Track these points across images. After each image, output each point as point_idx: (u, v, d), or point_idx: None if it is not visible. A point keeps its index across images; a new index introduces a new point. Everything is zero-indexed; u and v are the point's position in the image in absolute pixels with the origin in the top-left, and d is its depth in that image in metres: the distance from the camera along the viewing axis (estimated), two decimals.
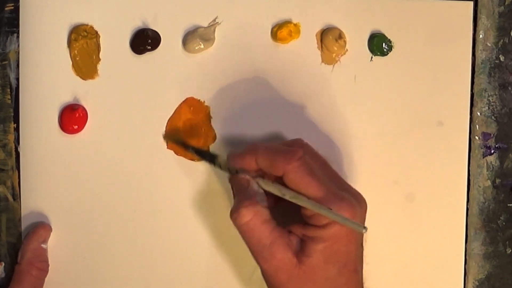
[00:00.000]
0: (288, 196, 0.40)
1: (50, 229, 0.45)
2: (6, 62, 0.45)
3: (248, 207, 0.39)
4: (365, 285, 0.42)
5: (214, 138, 0.46)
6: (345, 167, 0.47)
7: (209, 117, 0.46)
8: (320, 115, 0.47)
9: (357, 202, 0.40)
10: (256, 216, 0.39)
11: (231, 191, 0.43)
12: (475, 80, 0.48)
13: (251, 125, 0.47)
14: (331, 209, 0.38)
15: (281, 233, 0.40)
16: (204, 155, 0.45)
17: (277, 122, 0.47)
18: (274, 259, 0.39)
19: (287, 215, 0.41)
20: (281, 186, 0.40)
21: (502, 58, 0.48)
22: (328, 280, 0.39)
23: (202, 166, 0.46)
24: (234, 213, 0.40)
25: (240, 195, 0.41)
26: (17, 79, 0.45)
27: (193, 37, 0.46)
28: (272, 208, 0.41)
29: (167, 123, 0.46)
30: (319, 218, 0.39)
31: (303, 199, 0.39)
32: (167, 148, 0.46)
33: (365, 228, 0.38)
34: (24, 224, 0.46)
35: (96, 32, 0.46)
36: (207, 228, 0.47)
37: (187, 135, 0.46)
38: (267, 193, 0.41)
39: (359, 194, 0.41)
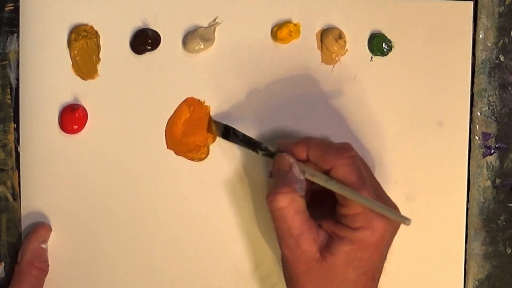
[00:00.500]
0: (333, 187, 0.40)
1: (50, 229, 0.45)
2: (6, 62, 0.45)
3: (286, 194, 0.40)
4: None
5: (214, 138, 0.46)
6: None
7: (209, 117, 0.46)
8: (320, 115, 0.47)
9: (396, 210, 0.41)
10: (291, 204, 0.40)
11: (267, 172, 0.44)
12: (475, 80, 0.48)
13: (251, 125, 0.47)
14: (374, 201, 0.39)
15: (311, 226, 0.40)
16: (248, 141, 0.44)
17: (277, 122, 0.47)
18: (299, 249, 0.40)
19: (316, 212, 0.41)
20: (327, 176, 0.40)
21: (502, 58, 0.48)
22: (345, 283, 0.40)
23: (202, 166, 0.46)
24: (271, 196, 0.40)
25: (280, 178, 0.41)
26: (17, 79, 0.45)
27: (193, 37, 0.46)
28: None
29: (167, 123, 0.46)
30: (353, 219, 0.39)
31: (349, 190, 0.39)
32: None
33: (408, 220, 0.38)
34: (24, 224, 0.46)
35: (96, 32, 0.46)
36: (207, 227, 0.47)
37: (187, 135, 0.46)
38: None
39: (396, 208, 0.42)
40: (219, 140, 0.46)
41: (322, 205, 0.43)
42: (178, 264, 0.46)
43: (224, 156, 0.46)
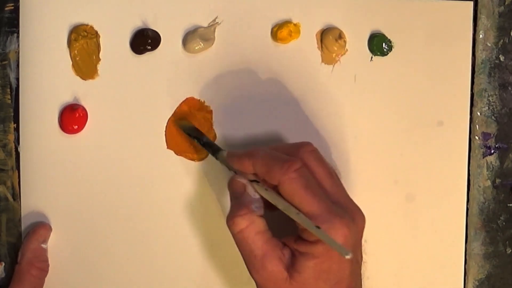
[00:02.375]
0: (281, 206, 0.39)
1: (50, 229, 0.45)
2: (6, 62, 0.45)
3: (243, 216, 0.39)
4: (365, 284, 0.42)
5: (214, 138, 0.46)
6: (345, 167, 0.47)
7: (209, 117, 0.46)
8: (320, 115, 0.47)
9: (352, 220, 0.39)
10: (250, 226, 0.39)
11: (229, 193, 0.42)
12: (475, 80, 0.48)
13: (251, 125, 0.47)
14: (319, 227, 0.37)
15: (274, 245, 0.39)
16: (209, 145, 0.44)
17: (277, 122, 0.47)
18: (265, 271, 0.39)
19: (286, 222, 0.40)
20: (276, 194, 0.39)
21: (502, 58, 0.48)
22: None
23: (202, 166, 0.46)
24: (229, 220, 0.39)
25: (236, 201, 0.40)
26: (17, 79, 0.45)
27: (193, 37, 0.46)
28: (270, 212, 0.40)
29: (167, 123, 0.46)
30: (310, 233, 0.38)
31: (294, 212, 0.38)
32: (167, 148, 0.46)
33: (349, 253, 0.35)
34: (24, 224, 0.46)
35: (96, 32, 0.46)
36: (207, 228, 0.47)
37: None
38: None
39: (358, 210, 0.40)
40: (219, 140, 0.46)
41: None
42: (178, 264, 0.46)
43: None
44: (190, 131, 0.45)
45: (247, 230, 0.39)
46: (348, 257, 0.35)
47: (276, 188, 0.39)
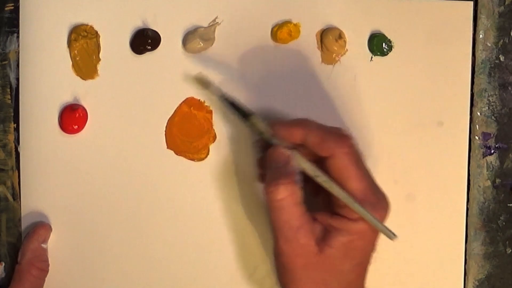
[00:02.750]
0: (321, 179, 0.39)
1: (50, 229, 0.45)
2: (6, 62, 0.45)
3: (286, 185, 0.39)
4: (365, 284, 0.42)
5: (215, 137, 0.46)
6: None
7: (209, 117, 0.46)
8: (320, 115, 0.47)
9: (387, 205, 0.40)
10: (291, 196, 0.39)
11: (257, 163, 0.43)
12: (475, 80, 0.48)
13: None
14: (363, 208, 0.38)
15: (309, 218, 0.40)
16: (238, 109, 0.43)
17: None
18: (297, 242, 0.39)
19: (311, 203, 0.41)
20: (317, 167, 0.40)
21: (502, 58, 0.48)
22: (341, 274, 0.40)
23: (202, 166, 0.46)
24: (270, 187, 0.39)
25: (278, 169, 0.40)
26: (17, 79, 0.45)
27: (193, 37, 0.46)
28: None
29: (167, 123, 0.46)
30: (352, 211, 0.39)
31: (336, 187, 0.39)
32: (165, 146, 0.46)
33: (395, 235, 0.38)
34: (24, 224, 0.46)
35: (96, 32, 0.46)
36: (207, 228, 0.47)
37: (187, 135, 0.46)
38: None
39: (387, 197, 0.41)
40: (219, 140, 0.46)
41: (316, 196, 0.43)
42: (178, 263, 0.46)
43: (224, 156, 0.46)
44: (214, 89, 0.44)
45: (288, 199, 0.39)
46: (395, 238, 0.37)
47: (322, 162, 0.40)
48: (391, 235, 0.38)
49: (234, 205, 0.47)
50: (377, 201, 0.40)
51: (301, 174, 0.41)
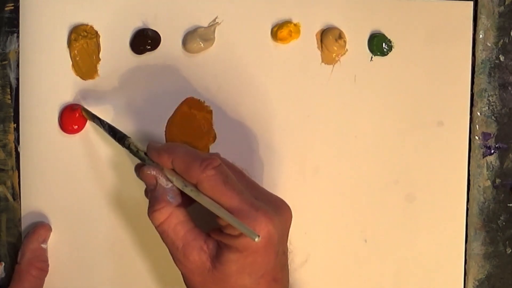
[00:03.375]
0: (188, 189, 0.39)
1: (50, 229, 0.45)
2: (6, 62, 0.45)
3: (160, 210, 0.39)
4: (365, 284, 0.42)
5: (214, 138, 0.46)
6: (345, 167, 0.47)
7: (209, 117, 0.46)
8: (320, 115, 0.47)
9: (275, 212, 0.39)
10: (169, 218, 0.39)
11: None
12: (475, 80, 0.48)
13: (251, 125, 0.47)
14: (229, 213, 0.37)
15: (196, 235, 0.39)
16: (114, 132, 0.43)
17: (277, 122, 0.47)
18: (187, 261, 0.39)
19: (209, 213, 0.39)
20: (196, 189, 0.39)
21: (502, 58, 0.48)
22: None
23: None
24: (149, 215, 0.39)
25: (152, 193, 0.40)
26: (17, 79, 0.45)
27: (193, 37, 0.46)
28: (190, 205, 0.40)
29: (167, 123, 0.46)
30: (233, 227, 0.37)
31: (203, 196, 0.38)
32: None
33: (257, 236, 0.36)
34: (24, 224, 0.46)
35: (96, 32, 0.46)
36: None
37: (187, 135, 0.46)
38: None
39: (282, 202, 0.40)
40: (219, 140, 0.46)
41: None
42: None
43: (223, 156, 0.46)
44: (92, 117, 0.44)
45: (167, 222, 0.39)
46: (256, 240, 0.35)
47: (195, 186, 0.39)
48: (252, 235, 0.36)
49: None
50: (257, 210, 0.38)
51: (177, 195, 0.40)
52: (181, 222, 0.39)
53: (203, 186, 0.38)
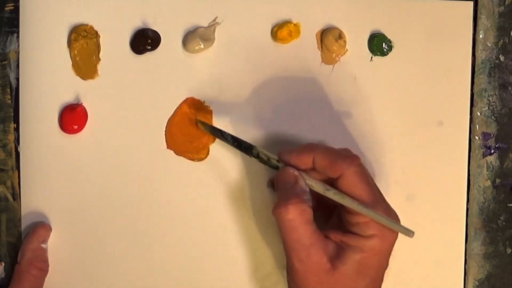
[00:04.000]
0: (331, 192, 0.40)
1: (50, 229, 0.45)
2: (6, 62, 0.45)
3: (296, 205, 0.39)
4: None
5: (215, 138, 0.46)
6: None
7: (209, 117, 0.46)
8: (319, 115, 0.47)
9: (398, 219, 0.40)
10: (301, 215, 0.39)
11: (267, 186, 0.45)
12: (475, 80, 0.48)
13: (251, 125, 0.47)
14: (375, 212, 0.39)
15: (321, 236, 0.40)
16: (239, 142, 0.44)
17: (277, 122, 0.47)
18: (310, 261, 0.39)
19: (322, 222, 0.41)
20: (326, 184, 0.40)
21: (502, 58, 0.48)
22: None
23: (202, 166, 0.46)
24: (280, 208, 0.39)
25: (287, 190, 0.40)
26: (17, 79, 0.45)
27: (193, 37, 0.46)
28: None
29: (167, 123, 0.46)
30: (365, 227, 0.39)
31: (348, 199, 0.39)
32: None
33: (412, 232, 0.38)
34: (24, 224, 0.46)
35: (96, 32, 0.46)
36: (207, 228, 0.47)
37: (187, 135, 0.46)
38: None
39: (396, 214, 0.41)
40: (219, 140, 0.46)
41: (325, 215, 0.43)
42: (178, 264, 0.46)
43: (224, 156, 0.46)
44: (212, 129, 0.45)
45: (298, 218, 0.39)
46: (412, 235, 0.38)
47: (333, 181, 0.40)
48: (409, 233, 0.39)
49: (234, 205, 0.47)
50: (389, 213, 0.40)
51: (311, 195, 0.41)
52: (310, 221, 0.40)
53: (346, 179, 0.40)
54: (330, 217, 0.43)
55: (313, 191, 0.41)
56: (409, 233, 0.39)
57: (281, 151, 0.42)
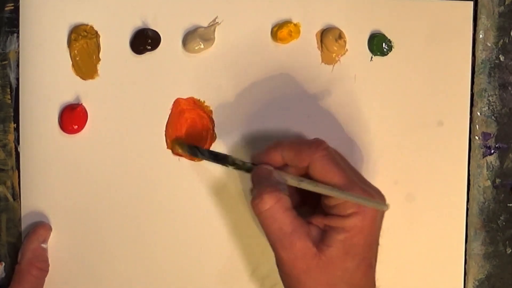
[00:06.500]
0: (305, 183, 0.40)
1: (50, 229, 0.45)
2: (6, 62, 0.45)
3: (270, 194, 0.39)
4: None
5: (214, 138, 0.46)
6: None
7: (209, 117, 0.46)
8: (319, 115, 0.47)
9: (379, 196, 0.40)
10: (278, 203, 0.39)
11: (247, 189, 0.44)
12: (475, 80, 0.48)
13: (251, 125, 0.47)
14: (347, 192, 0.39)
15: (302, 222, 0.40)
16: (215, 155, 0.44)
17: (277, 122, 0.47)
18: (294, 247, 0.39)
19: (308, 217, 0.41)
20: (297, 176, 0.40)
21: (502, 58, 0.48)
22: (346, 273, 0.39)
23: (202, 166, 0.46)
24: (256, 199, 0.39)
25: (262, 183, 0.40)
26: (17, 79, 0.45)
27: (193, 37, 0.46)
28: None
29: (167, 123, 0.46)
30: (343, 207, 0.39)
31: (321, 186, 0.39)
32: (173, 153, 0.46)
33: (386, 205, 0.39)
34: (24, 224, 0.46)
35: (96, 32, 0.46)
36: (206, 228, 0.47)
37: (187, 135, 0.46)
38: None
39: (380, 192, 0.41)
40: (218, 140, 0.46)
41: (304, 205, 0.43)
42: (178, 263, 0.46)
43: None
44: (189, 149, 0.45)
45: (275, 207, 0.39)
46: (386, 208, 0.39)
47: (305, 170, 0.41)
48: (382, 206, 0.39)
49: (234, 205, 0.47)
50: (364, 191, 0.39)
51: (296, 193, 0.41)
52: (289, 208, 0.40)
53: (315, 166, 0.40)
54: (313, 209, 0.43)
55: (294, 188, 0.41)
56: (383, 207, 0.39)
57: (253, 153, 0.43)
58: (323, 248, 0.39)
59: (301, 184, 0.40)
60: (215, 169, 0.46)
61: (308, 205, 0.43)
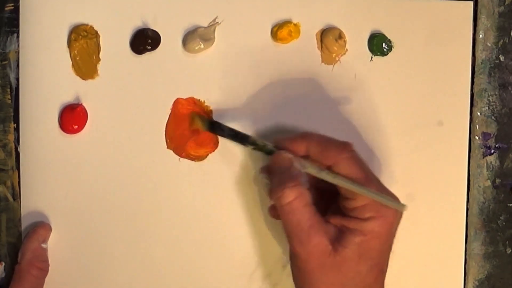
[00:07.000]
0: (324, 173, 0.40)
1: (50, 229, 0.45)
2: (6, 62, 0.45)
3: (292, 188, 0.39)
4: None
5: (213, 139, 0.46)
6: None
7: (209, 117, 0.46)
8: (319, 115, 0.47)
9: (395, 198, 0.41)
10: (299, 198, 0.39)
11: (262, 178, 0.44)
12: (475, 80, 0.48)
13: (251, 125, 0.47)
14: (369, 189, 0.39)
15: (320, 219, 0.40)
16: (236, 134, 0.44)
17: (277, 122, 0.47)
18: (310, 243, 0.39)
19: (321, 212, 0.41)
20: (320, 167, 0.41)
21: (502, 58, 0.48)
22: (358, 275, 0.39)
23: (202, 166, 0.46)
24: (277, 193, 0.39)
25: (283, 174, 0.40)
26: (17, 79, 0.45)
27: (193, 37, 0.46)
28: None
29: (167, 123, 0.46)
30: (362, 211, 0.39)
31: (340, 178, 0.40)
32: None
33: (404, 205, 0.39)
34: (24, 224, 0.46)
35: (96, 32, 0.46)
36: (206, 228, 0.47)
37: (187, 135, 0.46)
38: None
39: (396, 197, 0.41)
40: (219, 140, 0.46)
41: (325, 206, 0.43)
42: (178, 263, 0.46)
43: (224, 156, 0.46)
44: (210, 124, 0.45)
45: (296, 201, 0.39)
46: (404, 209, 0.39)
47: (328, 168, 0.41)
48: (401, 207, 0.39)
49: (234, 205, 0.47)
50: (382, 191, 0.40)
51: (307, 180, 0.41)
52: (309, 204, 0.40)
53: (339, 167, 0.40)
54: (329, 207, 0.43)
55: (312, 184, 0.41)
56: (401, 207, 0.39)
57: (276, 138, 0.43)
58: (339, 248, 0.39)
59: (321, 174, 0.40)
60: (215, 169, 0.46)
61: (324, 203, 0.43)
